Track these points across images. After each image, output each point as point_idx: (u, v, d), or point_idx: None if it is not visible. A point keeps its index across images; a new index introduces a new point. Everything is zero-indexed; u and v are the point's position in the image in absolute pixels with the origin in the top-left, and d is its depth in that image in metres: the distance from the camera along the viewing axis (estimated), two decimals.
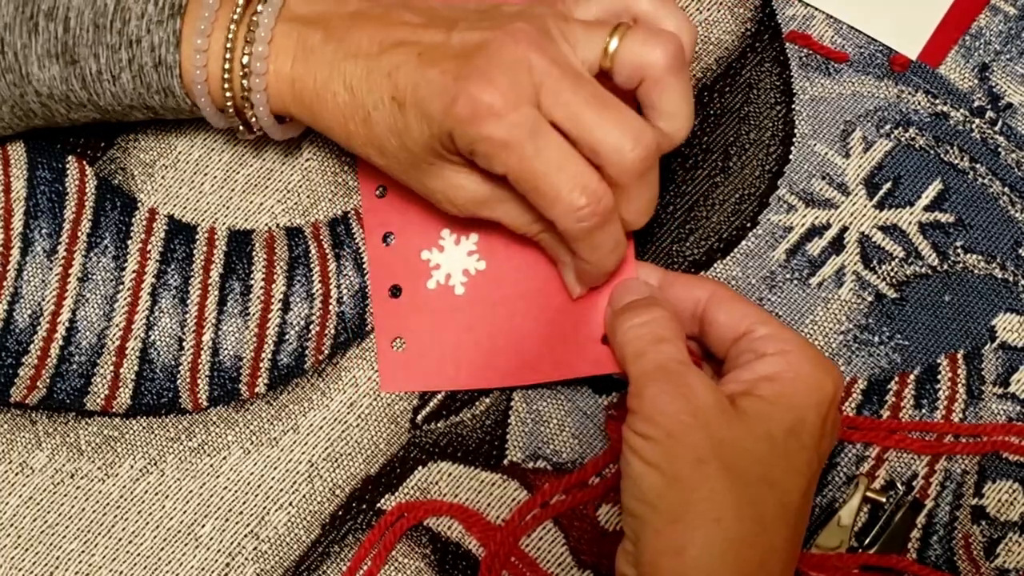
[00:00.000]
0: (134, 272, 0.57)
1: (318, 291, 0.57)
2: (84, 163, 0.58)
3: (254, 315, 0.56)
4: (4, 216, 0.57)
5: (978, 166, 0.57)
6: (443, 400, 0.55)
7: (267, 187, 0.58)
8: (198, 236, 0.57)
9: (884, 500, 0.53)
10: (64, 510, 0.54)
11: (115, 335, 0.56)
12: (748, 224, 0.57)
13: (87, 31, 0.50)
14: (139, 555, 0.54)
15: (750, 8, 0.60)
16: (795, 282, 0.56)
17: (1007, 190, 0.57)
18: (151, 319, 0.56)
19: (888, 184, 0.57)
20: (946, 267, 0.56)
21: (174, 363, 0.56)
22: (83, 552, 0.54)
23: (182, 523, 0.54)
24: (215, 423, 0.55)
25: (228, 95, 0.51)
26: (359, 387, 0.55)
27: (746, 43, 0.59)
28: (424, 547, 0.53)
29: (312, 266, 0.57)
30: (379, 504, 0.54)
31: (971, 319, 0.55)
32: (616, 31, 0.48)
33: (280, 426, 0.55)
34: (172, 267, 0.57)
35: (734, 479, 0.44)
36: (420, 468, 0.54)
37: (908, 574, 0.52)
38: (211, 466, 0.55)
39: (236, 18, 0.50)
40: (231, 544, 0.54)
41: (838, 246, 0.57)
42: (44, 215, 0.57)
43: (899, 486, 0.53)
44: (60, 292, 0.56)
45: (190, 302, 0.56)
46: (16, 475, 0.54)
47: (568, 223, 0.47)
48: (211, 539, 0.54)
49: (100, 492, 0.54)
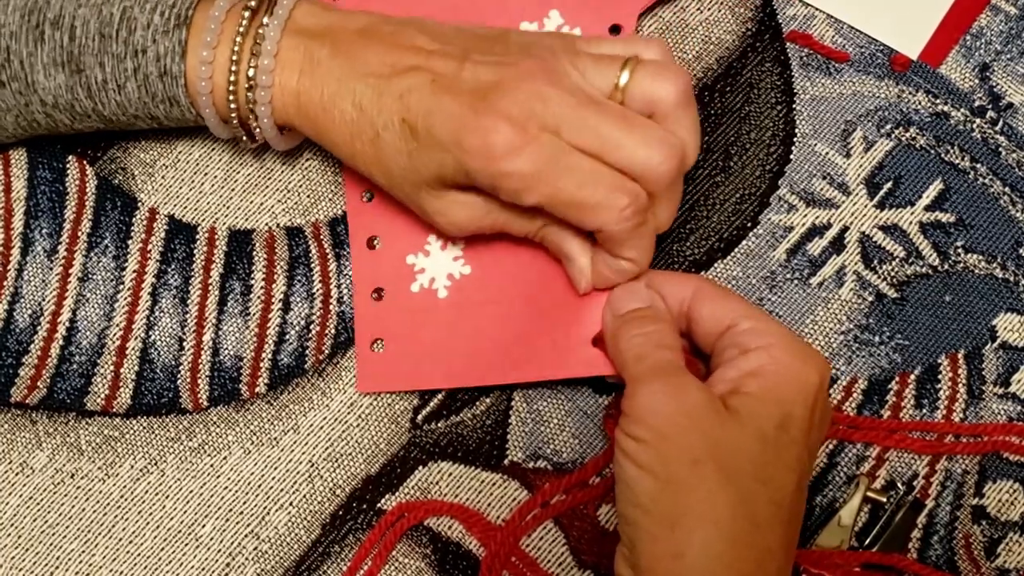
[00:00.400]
0: (134, 272, 0.57)
1: (318, 291, 0.57)
2: (84, 163, 0.58)
3: (254, 315, 0.56)
4: (4, 216, 0.57)
5: (979, 166, 0.57)
6: (443, 400, 0.55)
7: (267, 187, 0.58)
8: (198, 236, 0.57)
9: (885, 500, 0.53)
10: (64, 510, 0.54)
11: (115, 335, 0.56)
12: (749, 224, 0.57)
13: (93, 40, 0.50)
14: (139, 555, 0.54)
15: (751, 8, 0.60)
16: (796, 282, 0.56)
17: (1008, 190, 0.57)
18: (151, 319, 0.56)
19: (889, 184, 0.57)
20: (947, 267, 0.56)
21: (174, 363, 0.56)
22: (83, 552, 0.54)
23: (182, 523, 0.54)
24: (215, 423, 0.55)
25: (233, 106, 0.51)
26: None
27: (747, 43, 0.59)
28: (424, 547, 0.53)
29: (312, 266, 0.57)
30: (379, 504, 0.54)
31: (972, 319, 0.55)
32: (627, 65, 0.48)
33: (280, 426, 0.55)
34: (172, 267, 0.57)
35: (729, 479, 0.44)
36: (420, 468, 0.54)
37: (909, 573, 0.52)
38: (211, 466, 0.55)
39: (242, 31, 0.50)
40: (231, 544, 0.54)
41: (839, 246, 0.56)
42: (44, 215, 0.57)
43: (900, 486, 0.53)
44: (60, 292, 0.56)
45: (190, 302, 0.56)
46: (16, 475, 0.54)
47: (614, 225, 0.47)
48: (211, 539, 0.54)
49: (100, 492, 0.54)
